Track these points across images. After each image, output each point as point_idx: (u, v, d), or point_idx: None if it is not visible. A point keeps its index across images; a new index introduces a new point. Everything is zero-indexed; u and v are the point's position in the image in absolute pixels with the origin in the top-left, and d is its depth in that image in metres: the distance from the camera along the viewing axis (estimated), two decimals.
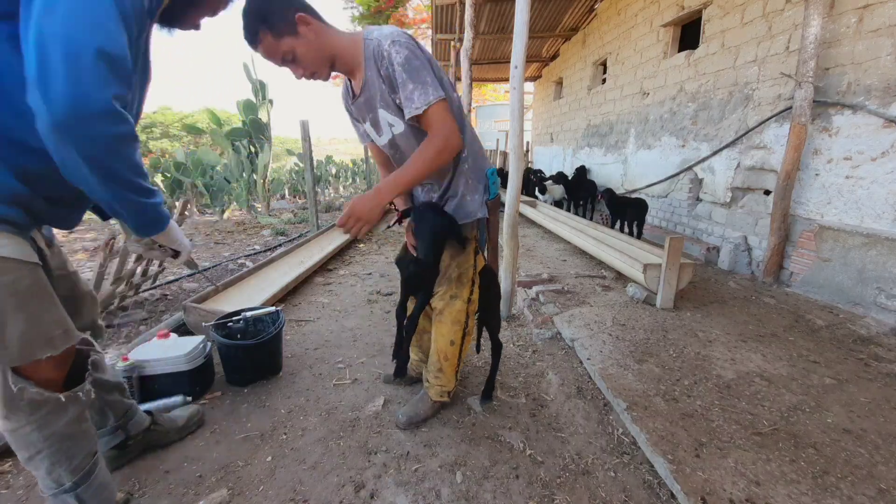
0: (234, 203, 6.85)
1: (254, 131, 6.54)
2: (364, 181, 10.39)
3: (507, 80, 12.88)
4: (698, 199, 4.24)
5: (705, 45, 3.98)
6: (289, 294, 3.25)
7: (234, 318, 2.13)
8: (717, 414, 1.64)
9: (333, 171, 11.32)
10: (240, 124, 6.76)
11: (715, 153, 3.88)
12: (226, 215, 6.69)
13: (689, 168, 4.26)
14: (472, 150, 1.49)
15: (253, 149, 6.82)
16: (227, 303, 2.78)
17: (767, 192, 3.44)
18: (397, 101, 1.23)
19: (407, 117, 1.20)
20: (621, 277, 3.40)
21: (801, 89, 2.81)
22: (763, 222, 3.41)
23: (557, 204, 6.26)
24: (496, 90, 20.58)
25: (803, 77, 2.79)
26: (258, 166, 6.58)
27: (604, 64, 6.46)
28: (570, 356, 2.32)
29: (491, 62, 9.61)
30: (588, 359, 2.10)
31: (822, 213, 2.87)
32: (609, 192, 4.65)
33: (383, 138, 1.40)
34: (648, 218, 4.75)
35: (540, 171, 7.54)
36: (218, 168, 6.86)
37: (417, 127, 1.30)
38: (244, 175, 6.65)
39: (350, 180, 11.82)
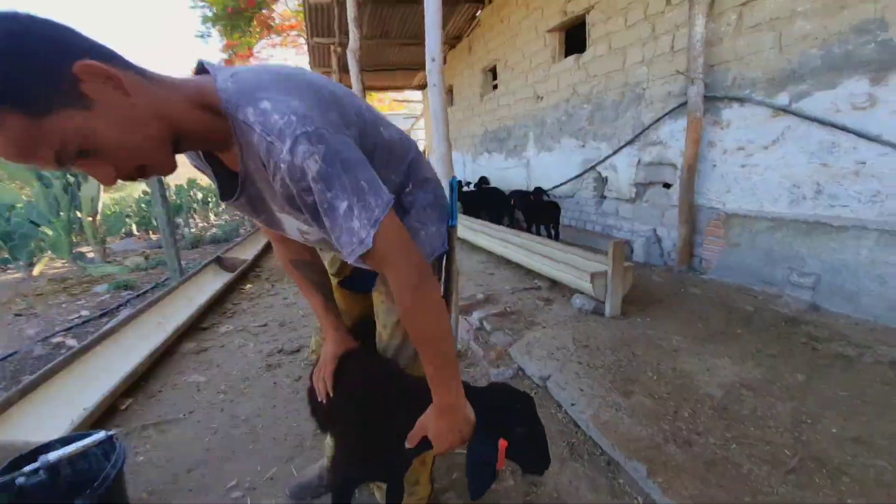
0: (50, 253, 5.04)
1: None
2: None
3: (396, 88, 12.55)
4: (603, 197, 4.36)
5: (593, 49, 4.11)
6: (141, 380, 2.25)
7: (28, 469, 1.21)
8: (737, 453, 1.40)
9: (200, 195, 9.46)
10: None
11: (615, 152, 4.01)
12: (36, 271, 4.85)
13: (593, 167, 4.37)
14: (416, 178, 0.97)
15: (72, 179, 5.11)
16: (24, 424, 1.73)
17: (667, 185, 3.61)
18: (310, 219, 0.75)
19: (352, 262, 0.72)
20: (556, 286, 3.21)
21: (694, 85, 2.94)
22: (669, 214, 3.57)
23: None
24: (381, 100, 20.13)
25: (694, 73, 2.92)
26: (82, 200, 4.94)
27: (493, 70, 6.49)
28: (542, 398, 1.93)
29: (375, 69, 9.12)
30: (573, 404, 1.73)
31: (723, 202, 3.05)
32: (519, 194, 4.53)
33: (291, 235, 0.91)
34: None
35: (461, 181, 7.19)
36: (18, 207, 4.97)
37: None
38: (61, 214, 4.93)
39: (223, 206, 10.08)
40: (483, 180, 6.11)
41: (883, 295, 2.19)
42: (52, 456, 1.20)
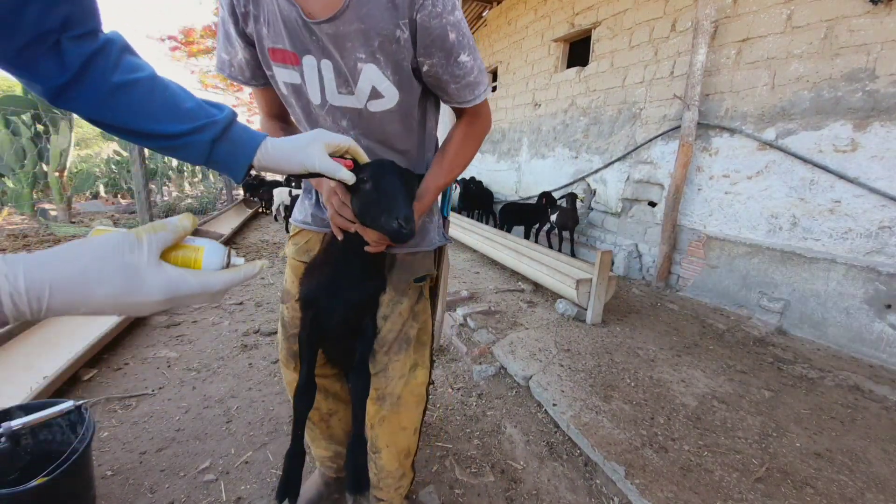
0: (10, 205, 4.70)
1: (42, 102, 4.57)
2: (222, 177, 8.26)
3: None
4: (590, 208, 4.46)
5: (595, 64, 4.19)
6: (106, 351, 2.13)
7: None
8: (709, 460, 1.46)
9: (175, 163, 9.02)
10: (20, 92, 4.70)
11: (607, 166, 4.11)
12: None
13: (583, 178, 4.46)
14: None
15: (41, 128, 4.79)
16: None
17: (652, 204, 3.74)
18: (411, 64, 0.75)
19: (473, 102, 0.82)
20: (539, 289, 3.26)
21: (689, 111, 3.06)
22: (651, 231, 3.70)
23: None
24: None
25: (691, 100, 3.03)
26: (51, 152, 4.62)
27: (494, 72, 6.52)
28: (523, 397, 1.96)
29: None
30: (554, 405, 1.76)
31: (705, 224, 3.18)
32: (547, 196, 4.28)
33: (356, 94, 0.78)
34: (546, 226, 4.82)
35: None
36: None
37: (413, 106, 0.84)
38: (26, 164, 4.60)
39: (200, 176, 9.61)
40: (473, 181, 6.11)
41: (847, 325, 2.35)
42: (15, 423, 1.12)
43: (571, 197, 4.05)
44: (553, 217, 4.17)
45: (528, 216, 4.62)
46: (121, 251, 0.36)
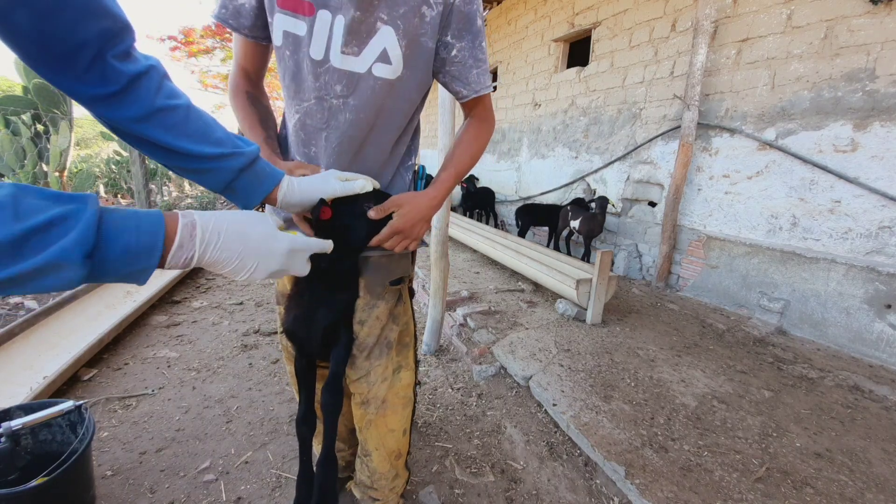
0: None
1: (42, 102, 4.58)
2: None
3: None
4: (590, 208, 4.45)
5: (595, 64, 4.19)
6: (106, 351, 2.13)
7: None
8: (709, 460, 1.46)
9: None
10: (19, 91, 4.69)
11: (606, 165, 4.11)
12: None
13: (583, 178, 4.46)
14: (415, 150, 1.02)
15: (41, 128, 4.79)
16: None
17: (652, 204, 3.74)
18: (428, 43, 0.79)
19: (464, 99, 0.87)
20: (539, 289, 3.26)
21: (690, 111, 3.06)
22: (651, 231, 3.70)
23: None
24: None
25: (691, 100, 3.03)
26: (51, 152, 4.62)
27: (494, 72, 6.51)
28: (524, 397, 1.96)
29: None
30: (554, 405, 1.76)
31: (704, 225, 3.18)
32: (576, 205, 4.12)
33: (342, 60, 0.77)
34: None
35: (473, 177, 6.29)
36: None
37: (410, 91, 0.84)
38: (26, 164, 4.60)
39: None
40: (471, 178, 6.09)
41: (847, 325, 2.35)
42: (15, 423, 1.12)
43: (602, 201, 3.62)
44: (575, 223, 3.93)
45: (549, 218, 4.44)
46: (270, 235, 0.57)
